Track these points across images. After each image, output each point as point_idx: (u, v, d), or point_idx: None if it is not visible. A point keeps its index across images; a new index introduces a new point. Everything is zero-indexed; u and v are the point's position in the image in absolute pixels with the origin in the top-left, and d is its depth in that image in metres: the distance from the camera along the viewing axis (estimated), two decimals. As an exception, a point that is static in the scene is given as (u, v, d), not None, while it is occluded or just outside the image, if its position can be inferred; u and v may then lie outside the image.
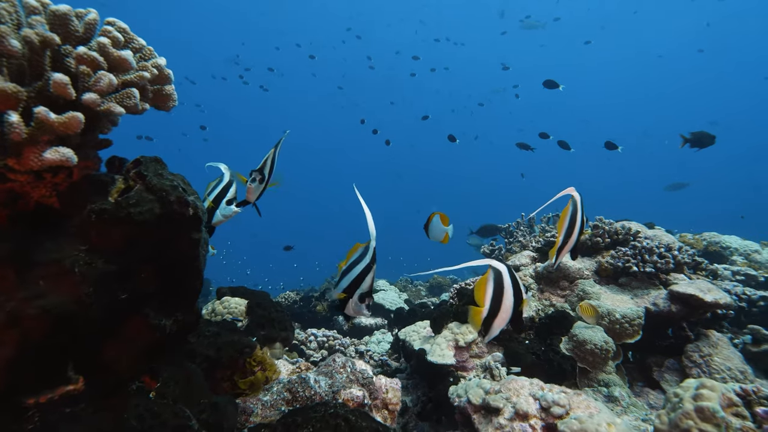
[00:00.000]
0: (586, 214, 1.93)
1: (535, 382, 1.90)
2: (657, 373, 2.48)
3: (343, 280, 1.36)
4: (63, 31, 1.04)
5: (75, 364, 1.09)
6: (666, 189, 10.27)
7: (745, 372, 2.26)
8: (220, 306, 2.71)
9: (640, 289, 2.67)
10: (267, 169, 1.57)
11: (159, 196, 1.11)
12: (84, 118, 0.97)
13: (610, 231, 2.97)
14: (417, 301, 6.18)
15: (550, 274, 2.98)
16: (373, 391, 1.83)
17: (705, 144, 4.44)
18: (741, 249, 4.27)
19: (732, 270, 3.84)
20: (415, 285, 7.76)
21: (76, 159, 0.96)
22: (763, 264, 4.05)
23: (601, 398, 2.34)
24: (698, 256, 2.91)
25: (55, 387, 1.03)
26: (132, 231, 1.07)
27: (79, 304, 0.97)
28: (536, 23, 16.78)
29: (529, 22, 16.66)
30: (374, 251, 1.34)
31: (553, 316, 2.71)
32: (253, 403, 1.56)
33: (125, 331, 1.14)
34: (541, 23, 16.70)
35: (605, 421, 1.63)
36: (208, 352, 1.58)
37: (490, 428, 1.76)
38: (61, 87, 0.94)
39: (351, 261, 1.37)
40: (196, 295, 1.29)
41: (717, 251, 4.39)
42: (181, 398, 1.17)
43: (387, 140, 8.52)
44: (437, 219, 2.24)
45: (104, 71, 1.02)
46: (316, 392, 1.63)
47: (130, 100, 1.08)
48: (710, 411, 1.46)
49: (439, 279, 7.48)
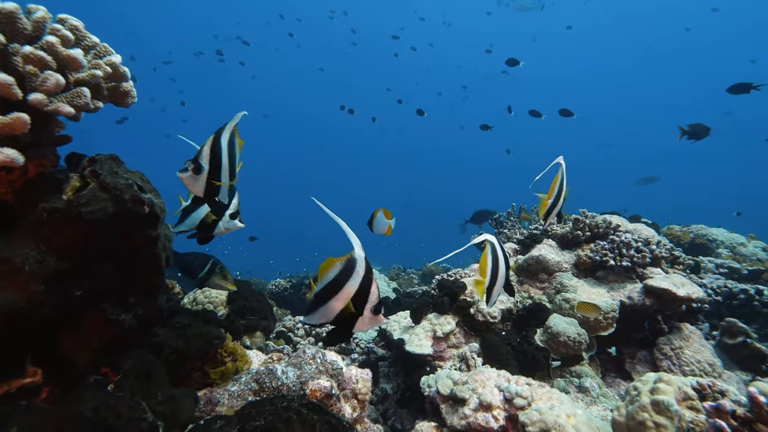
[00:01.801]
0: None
1: (502, 374, 1.94)
2: (629, 365, 2.52)
3: (329, 303, 1.16)
4: (10, 29, 1.04)
5: (33, 358, 1.12)
6: (638, 183, 10.25)
7: (713, 365, 2.30)
8: (201, 295, 2.75)
9: (616, 282, 2.70)
10: (204, 159, 1.21)
11: (113, 195, 1.13)
12: (29, 119, 0.97)
13: (591, 225, 2.98)
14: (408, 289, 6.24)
15: (530, 267, 3.01)
16: (341, 382, 1.87)
17: (701, 136, 4.43)
18: (727, 242, 4.29)
19: (716, 263, 3.87)
20: (408, 273, 7.82)
21: (23, 159, 0.98)
22: (747, 257, 4.08)
23: (572, 389, 2.39)
24: (677, 250, 2.93)
25: (12, 380, 1.06)
26: (84, 229, 1.08)
27: (29, 301, 1.00)
28: (531, 5, 16.43)
29: (523, 3, 16.33)
30: (366, 260, 1.17)
31: (530, 308, 2.74)
32: (220, 393, 1.60)
33: (83, 326, 1.16)
34: (537, 5, 16.36)
35: (565, 413, 1.68)
36: (177, 344, 1.61)
37: (455, 418, 1.81)
38: (4, 87, 0.95)
39: (333, 279, 1.16)
40: (156, 290, 1.31)
41: (704, 243, 4.42)
42: (139, 391, 1.20)
43: (373, 117, 8.57)
44: (381, 214, 2.39)
45: (51, 71, 1.02)
46: (284, 383, 1.67)
47: (81, 100, 1.09)
48: (665, 404, 1.49)
49: (432, 267, 7.53)
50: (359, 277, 1.14)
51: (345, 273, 1.15)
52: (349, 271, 1.15)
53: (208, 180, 1.19)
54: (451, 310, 2.83)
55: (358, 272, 1.15)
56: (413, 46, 17.73)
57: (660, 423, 1.49)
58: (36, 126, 1.05)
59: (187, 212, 1.46)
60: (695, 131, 4.36)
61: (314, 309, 1.19)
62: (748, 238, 4.32)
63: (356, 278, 1.14)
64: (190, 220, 1.47)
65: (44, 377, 1.12)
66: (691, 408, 1.54)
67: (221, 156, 1.22)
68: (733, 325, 2.87)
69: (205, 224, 1.40)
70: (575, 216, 3.11)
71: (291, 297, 5.30)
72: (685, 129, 4.37)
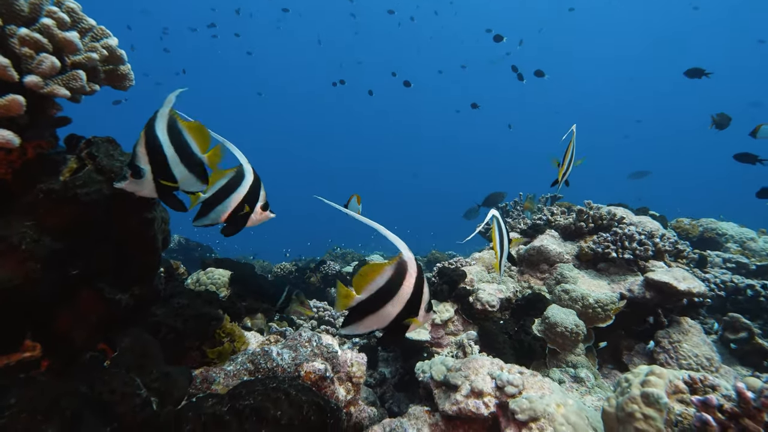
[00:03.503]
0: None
1: (495, 362, 1.96)
2: (626, 357, 2.52)
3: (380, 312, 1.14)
4: (7, 10, 1.05)
5: (33, 334, 1.16)
6: (629, 177, 10.13)
7: (711, 359, 2.29)
8: (204, 276, 2.80)
9: (617, 275, 2.68)
10: (141, 158, 1.03)
11: (108, 178, 1.15)
12: (25, 101, 0.99)
13: (594, 216, 2.95)
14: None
15: (531, 257, 3.00)
16: (336, 365, 1.90)
17: (724, 126, 4.37)
18: (737, 236, 4.21)
19: (723, 257, 3.81)
20: (414, 260, 7.84)
21: (18, 141, 1.00)
22: (757, 252, 4.00)
23: (568, 378, 2.41)
24: (682, 244, 2.89)
25: (11, 354, 1.10)
26: (80, 210, 1.11)
27: (26, 279, 1.03)
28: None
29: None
30: (416, 260, 1.16)
31: (529, 298, 2.75)
32: (216, 373, 1.64)
33: (80, 304, 1.20)
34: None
35: (555, 402, 1.69)
36: (175, 324, 1.66)
37: (447, 403, 1.84)
38: (0, 69, 0.96)
39: (385, 284, 1.13)
40: (152, 270, 1.35)
41: (712, 238, 4.34)
42: (134, 368, 1.25)
43: (370, 90, 8.55)
44: (354, 200, 2.69)
45: (47, 54, 1.03)
46: (278, 364, 1.71)
47: (77, 82, 1.10)
48: (654, 397, 1.50)
49: (437, 254, 7.54)
50: (413, 278, 1.15)
51: (398, 276, 1.14)
52: (401, 274, 1.14)
53: (156, 180, 1.07)
54: (450, 298, 2.85)
55: (411, 274, 1.14)
56: (415, 18, 17.41)
57: (649, 415, 1.50)
58: (33, 108, 1.07)
59: (209, 205, 1.29)
60: (721, 121, 4.30)
61: (360, 318, 1.16)
62: (759, 233, 4.23)
63: (410, 280, 1.14)
64: (214, 213, 1.32)
65: (43, 352, 1.16)
66: (681, 401, 1.54)
67: (163, 149, 1.07)
68: (736, 321, 2.84)
69: (236, 217, 1.30)
70: (579, 207, 3.08)
71: (296, 280, 5.37)
72: (716, 118, 4.31)
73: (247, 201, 1.28)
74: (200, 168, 1.16)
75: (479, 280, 2.96)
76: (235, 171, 1.28)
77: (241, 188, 1.26)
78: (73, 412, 1.01)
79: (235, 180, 1.27)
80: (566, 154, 2.38)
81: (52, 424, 0.98)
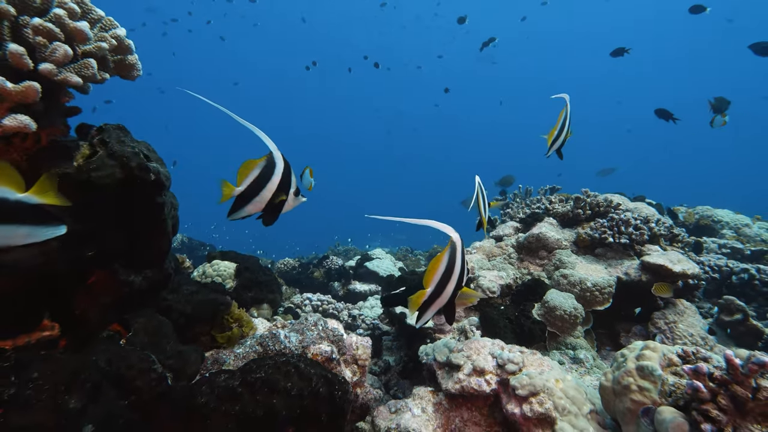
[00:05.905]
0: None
1: (496, 342, 2.01)
2: (624, 339, 2.58)
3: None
4: (20, 1, 1.09)
5: (51, 313, 1.21)
6: (597, 174, 10.19)
7: (706, 338, 2.35)
8: (210, 269, 2.85)
9: (614, 259, 2.74)
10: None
11: (120, 162, 1.20)
12: (41, 87, 1.04)
13: (591, 203, 3.00)
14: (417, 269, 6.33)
15: (530, 245, 3.05)
16: (342, 348, 1.95)
17: (722, 109, 4.41)
18: (732, 223, 4.27)
19: (719, 243, 3.87)
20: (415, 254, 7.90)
21: (35, 126, 1.04)
22: (751, 238, 4.06)
23: (567, 360, 2.46)
24: (677, 229, 2.94)
25: (32, 332, 1.15)
26: (94, 194, 1.16)
27: (46, 258, 1.08)
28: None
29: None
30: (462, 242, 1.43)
31: (528, 284, 2.80)
32: (226, 355, 1.69)
33: (95, 285, 1.25)
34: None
35: (554, 377, 1.75)
36: (185, 309, 1.71)
37: (450, 383, 1.89)
38: (16, 57, 1.01)
39: (445, 269, 1.42)
40: (163, 255, 1.39)
41: (708, 225, 4.40)
42: (149, 346, 1.30)
43: (365, 56, 8.57)
44: (308, 172, 2.60)
45: (59, 42, 1.08)
46: (286, 346, 1.76)
47: (88, 70, 1.15)
48: (648, 369, 1.55)
49: (438, 249, 7.59)
50: (459, 267, 1.43)
51: (453, 259, 1.42)
52: (454, 256, 1.42)
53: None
54: (451, 285, 2.90)
55: (458, 261, 1.43)
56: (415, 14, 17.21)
57: (643, 387, 1.56)
58: (46, 95, 1.11)
59: (245, 197, 1.31)
60: (718, 105, 4.34)
61: (428, 306, 1.46)
62: (753, 220, 4.29)
63: (458, 266, 1.43)
64: (251, 205, 1.33)
65: (61, 331, 1.21)
66: (675, 373, 1.59)
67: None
68: (731, 303, 2.90)
69: (272, 205, 1.38)
70: (576, 195, 3.13)
71: (299, 275, 5.42)
72: (713, 102, 4.35)
73: (281, 189, 1.34)
74: None
75: (480, 268, 3.01)
76: (266, 160, 1.32)
77: (275, 177, 1.32)
78: (93, 384, 1.06)
79: (267, 169, 1.32)
80: (557, 122, 2.35)
81: (74, 395, 1.03)
